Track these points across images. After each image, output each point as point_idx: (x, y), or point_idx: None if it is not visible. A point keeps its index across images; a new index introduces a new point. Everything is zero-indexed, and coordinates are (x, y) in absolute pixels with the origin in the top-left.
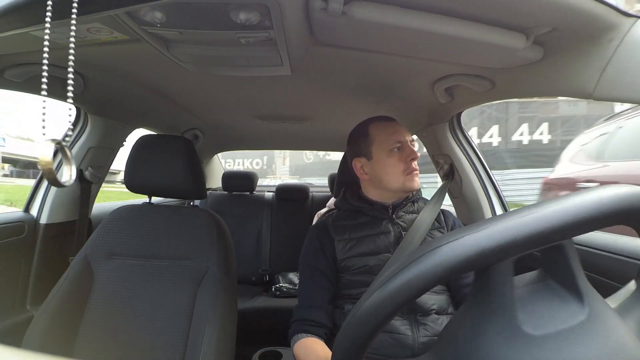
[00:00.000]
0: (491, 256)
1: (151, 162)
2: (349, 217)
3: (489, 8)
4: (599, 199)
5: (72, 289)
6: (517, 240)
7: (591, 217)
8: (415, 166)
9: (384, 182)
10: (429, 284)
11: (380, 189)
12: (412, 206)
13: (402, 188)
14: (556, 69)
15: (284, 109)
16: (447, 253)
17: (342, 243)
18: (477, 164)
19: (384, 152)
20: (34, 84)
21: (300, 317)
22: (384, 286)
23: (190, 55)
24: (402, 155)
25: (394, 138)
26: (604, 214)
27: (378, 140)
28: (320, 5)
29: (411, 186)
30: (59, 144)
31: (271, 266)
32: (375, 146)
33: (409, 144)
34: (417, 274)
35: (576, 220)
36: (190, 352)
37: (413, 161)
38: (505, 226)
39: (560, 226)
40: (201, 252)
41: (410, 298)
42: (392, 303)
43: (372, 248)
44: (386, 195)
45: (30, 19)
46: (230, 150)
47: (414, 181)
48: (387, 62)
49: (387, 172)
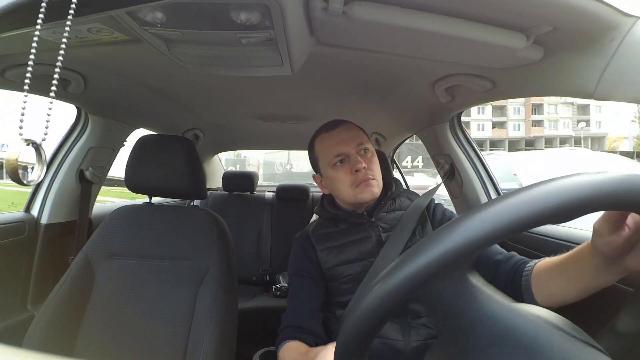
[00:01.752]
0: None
1: (152, 162)
2: (330, 224)
3: (490, 8)
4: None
5: (72, 289)
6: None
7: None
8: (364, 176)
9: (339, 197)
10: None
11: (341, 201)
12: (392, 204)
13: (355, 201)
14: (557, 68)
15: (284, 109)
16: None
17: (325, 252)
18: (478, 164)
19: (328, 167)
20: (35, 84)
21: (289, 323)
22: (389, 275)
23: (191, 55)
24: (346, 168)
25: (332, 152)
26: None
27: (321, 155)
28: (320, 5)
29: (364, 197)
30: (34, 143)
31: (271, 266)
32: (321, 162)
33: (352, 154)
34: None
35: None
36: (191, 352)
37: (359, 172)
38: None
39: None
40: (202, 252)
41: (418, 285)
42: (401, 290)
43: (356, 255)
44: (352, 206)
45: (30, 19)
46: (231, 150)
47: (367, 192)
48: (388, 62)
49: (337, 187)
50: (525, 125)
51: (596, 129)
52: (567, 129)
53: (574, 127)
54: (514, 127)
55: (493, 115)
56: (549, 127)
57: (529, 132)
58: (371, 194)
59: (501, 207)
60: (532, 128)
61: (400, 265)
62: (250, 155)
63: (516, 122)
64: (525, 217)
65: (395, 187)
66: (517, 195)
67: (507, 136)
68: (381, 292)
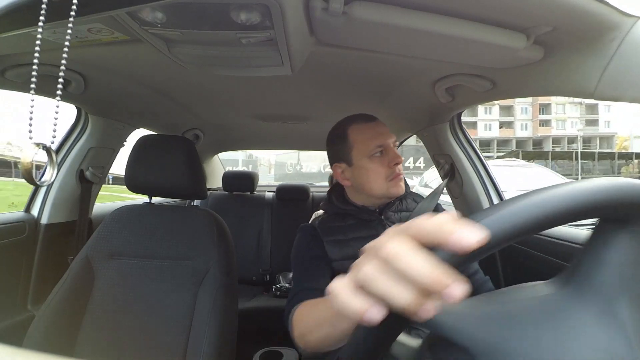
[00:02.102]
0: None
1: (152, 162)
2: (337, 219)
3: (490, 8)
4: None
5: (73, 289)
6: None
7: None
8: (399, 171)
9: (367, 189)
10: None
11: (363, 194)
12: (400, 204)
13: (386, 194)
14: (557, 68)
15: (284, 109)
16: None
17: (331, 244)
18: (478, 164)
19: (365, 157)
20: (36, 84)
21: (296, 291)
22: None
23: (191, 55)
24: (384, 160)
25: (375, 142)
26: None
27: (358, 144)
28: (321, 5)
29: (396, 192)
30: (44, 147)
31: (272, 266)
32: (356, 151)
33: (392, 147)
34: None
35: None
36: (191, 352)
37: (397, 166)
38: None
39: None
40: (202, 252)
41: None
42: None
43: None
44: (370, 200)
45: (31, 19)
46: (231, 150)
47: (399, 187)
48: (388, 62)
49: (369, 178)
50: (533, 125)
51: (605, 129)
52: (575, 128)
53: (578, 127)
54: (522, 127)
55: (500, 115)
56: (556, 126)
57: (536, 131)
58: (401, 189)
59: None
60: (539, 128)
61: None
62: (261, 155)
63: (524, 121)
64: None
65: (405, 187)
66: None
67: (514, 136)
68: None
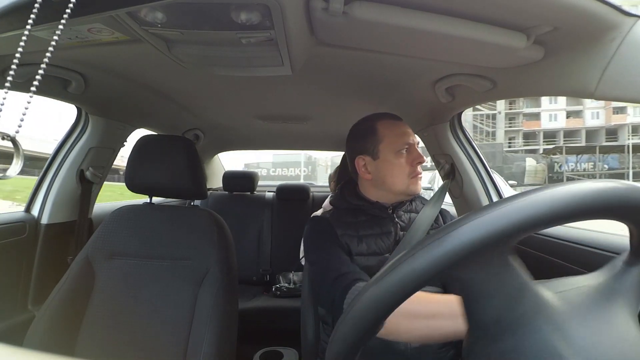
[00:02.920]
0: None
1: (152, 163)
2: (348, 215)
3: (490, 8)
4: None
5: (73, 289)
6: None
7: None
8: (420, 170)
9: (388, 184)
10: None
11: (381, 189)
12: (409, 205)
13: (406, 191)
14: (557, 68)
15: (284, 109)
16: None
17: (346, 238)
18: (478, 163)
19: (392, 152)
20: (38, 83)
21: (340, 272)
22: (380, 281)
23: (191, 55)
24: (409, 158)
25: (403, 139)
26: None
27: (387, 139)
28: (321, 5)
29: (415, 190)
30: (7, 136)
31: (272, 266)
32: (384, 145)
33: (415, 147)
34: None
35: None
36: (191, 352)
37: (419, 164)
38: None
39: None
40: (202, 252)
41: (409, 291)
42: (396, 293)
43: (374, 249)
44: (386, 196)
45: (30, 19)
46: (231, 151)
47: (418, 185)
48: (388, 62)
49: (393, 173)
50: (606, 113)
51: None
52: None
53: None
54: (592, 116)
55: (567, 104)
56: (632, 114)
57: (609, 120)
58: (420, 189)
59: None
60: (612, 116)
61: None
62: (320, 156)
63: (594, 109)
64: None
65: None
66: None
67: (583, 126)
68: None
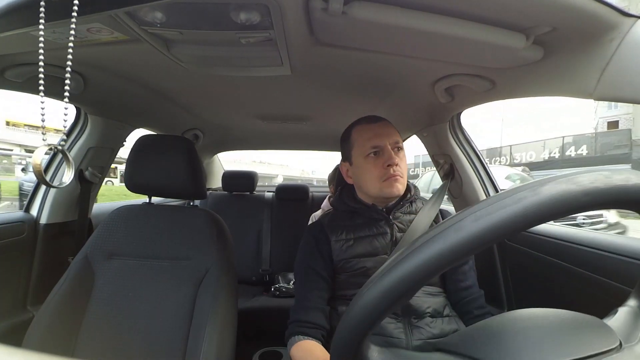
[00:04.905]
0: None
1: (151, 163)
2: (346, 217)
3: (489, 8)
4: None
5: (72, 289)
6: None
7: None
8: (394, 172)
9: (364, 188)
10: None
11: (364, 193)
12: (409, 207)
13: (380, 194)
14: (556, 68)
15: (284, 109)
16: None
17: (339, 243)
18: (477, 163)
19: (362, 157)
20: (35, 84)
21: (297, 318)
22: (378, 281)
23: (191, 55)
24: (378, 161)
25: (370, 143)
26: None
27: (357, 144)
28: (320, 5)
29: (390, 192)
30: (55, 148)
31: (271, 266)
32: (355, 150)
33: (388, 149)
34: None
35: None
36: (191, 352)
37: (390, 167)
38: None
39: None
40: (201, 252)
41: (406, 292)
42: (391, 294)
43: (370, 250)
44: (372, 200)
45: (30, 19)
46: (231, 151)
47: (393, 187)
48: (387, 62)
49: (365, 178)
50: None
51: None
52: None
53: None
54: None
55: None
56: None
57: None
58: (397, 190)
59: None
60: None
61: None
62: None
63: None
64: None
65: (414, 191)
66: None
67: None
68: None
